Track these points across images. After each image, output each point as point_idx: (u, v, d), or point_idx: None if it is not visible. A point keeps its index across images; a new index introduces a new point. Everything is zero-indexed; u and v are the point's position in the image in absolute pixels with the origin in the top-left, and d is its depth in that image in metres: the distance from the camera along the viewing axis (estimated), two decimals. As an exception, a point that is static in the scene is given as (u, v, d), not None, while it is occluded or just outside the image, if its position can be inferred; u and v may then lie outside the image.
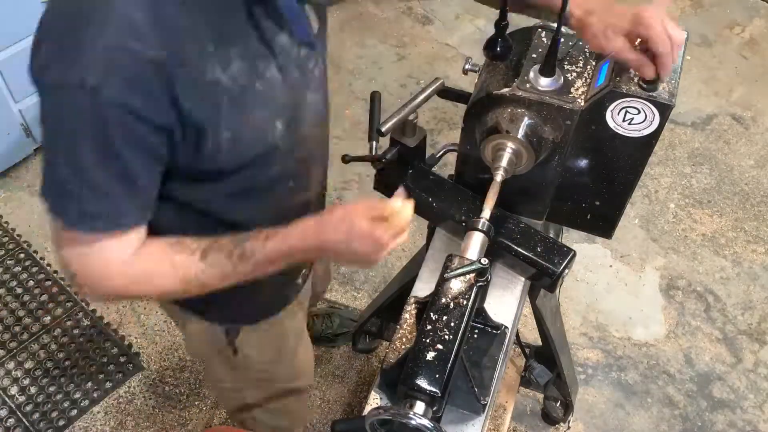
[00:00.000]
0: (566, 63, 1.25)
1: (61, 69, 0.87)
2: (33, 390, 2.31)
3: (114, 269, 1.02)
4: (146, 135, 0.92)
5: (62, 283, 2.55)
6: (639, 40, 1.11)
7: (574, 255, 1.31)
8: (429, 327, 1.13)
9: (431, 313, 1.14)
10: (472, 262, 1.15)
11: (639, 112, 1.18)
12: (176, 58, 0.89)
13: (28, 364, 2.36)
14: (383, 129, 1.34)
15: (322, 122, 1.24)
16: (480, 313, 1.27)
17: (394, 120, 1.35)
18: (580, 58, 1.26)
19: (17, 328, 2.44)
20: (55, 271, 2.58)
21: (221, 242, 1.06)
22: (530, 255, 1.30)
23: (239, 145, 1.01)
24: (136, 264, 1.02)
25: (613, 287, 2.63)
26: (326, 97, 1.25)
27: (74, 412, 2.27)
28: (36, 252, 2.63)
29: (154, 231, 1.06)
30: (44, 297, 2.51)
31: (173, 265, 1.04)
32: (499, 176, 1.24)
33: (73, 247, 1.01)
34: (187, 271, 1.05)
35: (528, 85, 1.22)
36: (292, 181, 1.20)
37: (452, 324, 1.12)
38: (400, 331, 1.23)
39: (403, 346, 1.21)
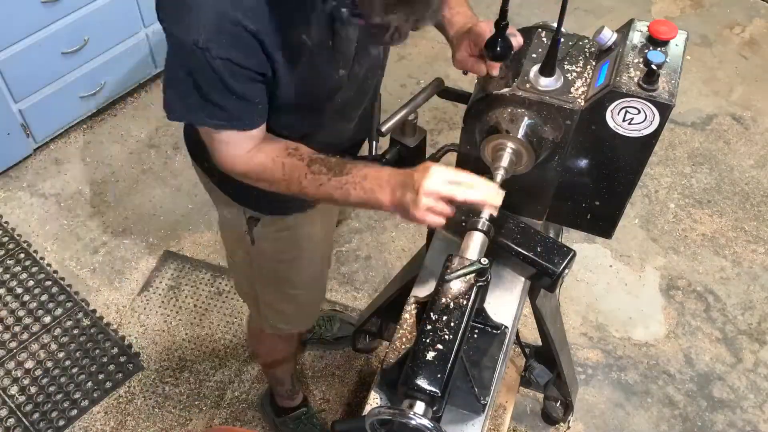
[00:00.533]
0: (566, 63, 1.25)
1: (181, 29, 1.14)
2: (33, 390, 2.31)
3: (239, 159, 1.28)
4: (249, 74, 1.17)
5: (62, 283, 2.55)
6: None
7: (574, 255, 1.31)
8: (429, 327, 1.13)
9: (431, 313, 1.14)
10: (472, 262, 1.15)
11: (639, 112, 1.18)
12: (268, 29, 1.13)
13: (28, 364, 2.36)
14: (383, 129, 1.34)
15: (377, 68, 1.43)
16: (480, 313, 1.27)
17: (394, 120, 1.35)
18: (580, 58, 1.26)
19: (17, 328, 2.44)
20: (55, 271, 2.58)
21: (328, 159, 1.26)
22: (530, 255, 1.30)
23: (308, 88, 1.26)
24: (254, 158, 1.28)
25: (613, 287, 2.63)
26: (380, 51, 1.41)
27: (74, 412, 2.27)
28: (36, 252, 2.63)
29: None
30: (44, 297, 2.51)
31: (283, 165, 1.27)
32: (499, 176, 1.24)
33: (215, 142, 1.28)
34: (292, 172, 1.26)
35: (528, 85, 1.22)
36: (348, 107, 1.41)
37: (452, 324, 1.12)
38: (400, 331, 1.23)
39: (403, 346, 1.21)
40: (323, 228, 1.69)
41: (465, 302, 1.14)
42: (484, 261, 1.14)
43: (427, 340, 1.11)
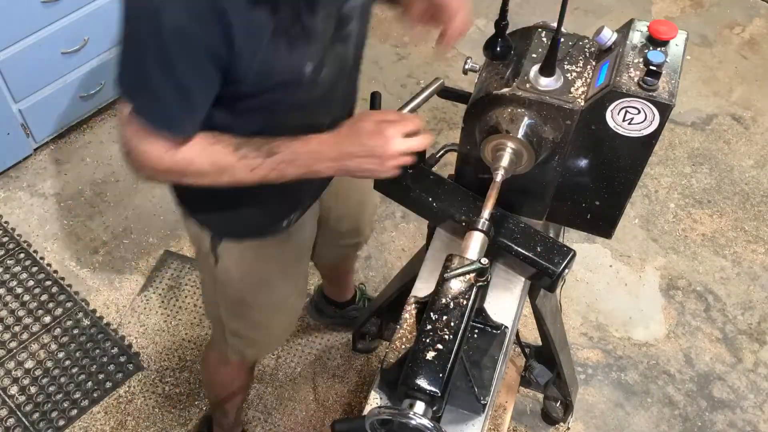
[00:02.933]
0: (566, 63, 1.25)
1: None
2: (33, 390, 2.31)
3: (162, 157, 1.18)
4: (200, 54, 1.07)
5: (62, 283, 2.55)
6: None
7: (574, 255, 1.31)
8: (429, 327, 1.13)
9: (431, 313, 1.14)
10: (472, 262, 1.15)
11: (639, 111, 1.18)
12: (232, 3, 1.04)
13: (28, 364, 2.36)
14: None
15: (350, 74, 1.37)
16: (480, 313, 1.27)
17: (394, 120, 1.34)
18: (580, 58, 1.26)
19: (17, 328, 2.44)
20: (55, 271, 2.58)
21: (253, 139, 1.21)
22: (530, 255, 1.30)
23: (270, 78, 1.17)
24: (177, 154, 1.18)
25: (613, 287, 2.63)
26: (359, 52, 1.37)
27: (74, 412, 2.27)
28: (36, 252, 2.63)
29: None
30: (44, 297, 2.51)
31: (211, 153, 1.20)
32: (499, 176, 1.24)
33: (134, 130, 1.16)
34: (221, 159, 1.20)
35: (528, 85, 1.22)
36: (310, 117, 1.31)
37: (452, 324, 1.12)
38: (400, 331, 1.23)
39: (403, 346, 1.21)
40: (295, 256, 1.65)
41: (465, 302, 1.14)
42: (484, 261, 1.14)
43: (427, 340, 1.11)
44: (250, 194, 1.30)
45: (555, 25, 1.16)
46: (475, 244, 1.20)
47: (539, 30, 1.31)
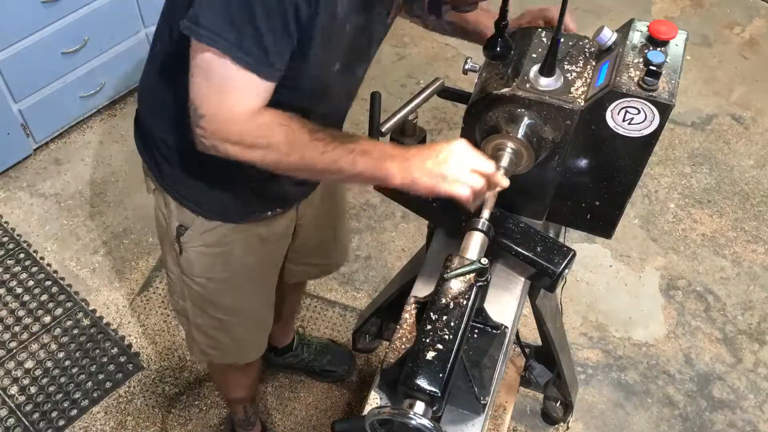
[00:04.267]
0: (566, 63, 1.25)
1: None
2: (33, 390, 2.31)
3: (243, 113, 1.12)
4: (293, 6, 1.06)
5: (62, 283, 2.55)
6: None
7: (574, 255, 1.30)
8: (429, 327, 1.13)
9: (431, 313, 1.14)
10: (472, 262, 1.15)
11: (639, 111, 1.18)
12: None
13: (28, 364, 2.36)
14: (383, 129, 1.34)
15: (364, 70, 1.37)
16: (480, 313, 1.27)
17: (394, 120, 1.35)
18: (580, 58, 1.26)
19: (17, 328, 2.44)
20: (55, 271, 2.58)
21: (330, 130, 1.19)
22: (530, 255, 1.30)
23: (310, 73, 1.17)
24: (259, 118, 1.14)
25: (613, 287, 2.63)
26: (368, 65, 1.37)
27: (74, 412, 2.27)
28: (36, 252, 2.63)
29: None
30: (44, 297, 2.51)
31: (287, 127, 1.15)
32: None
33: (217, 79, 1.10)
34: (297, 135, 1.15)
35: (528, 85, 1.22)
36: (324, 114, 1.31)
37: (452, 324, 1.12)
38: (400, 331, 1.23)
39: (403, 346, 1.21)
40: (264, 261, 1.60)
41: (465, 302, 1.14)
42: (484, 261, 1.14)
43: (427, 340, 1.11)
44: (234, 174, 1.27)
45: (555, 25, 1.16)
46: (474, 244, 1.20)
47: (539, 30, 1.31)
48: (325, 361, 2.33)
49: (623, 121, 1.19)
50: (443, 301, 1.15)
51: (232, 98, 1.11)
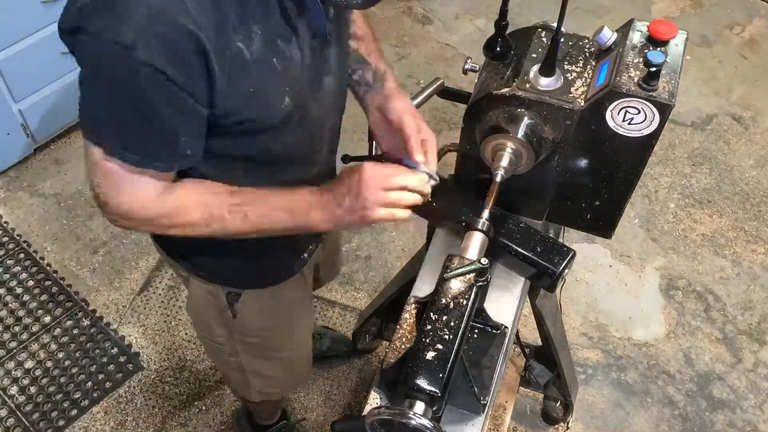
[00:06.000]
0: (566, 63, 1.25)
1: (103, 22, 0.92)
2: (33, 390, 2.31)
3: (149, 201, 1.08)
4: (180, 96, 0.96)
5: (62, 283, 2.55)
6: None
7: (574, 255, 1.31)
8: (429, 327, 1.13)
9: (431, 313, 1.14)
10: (472, 262, 1.15)
11: (639, 111, 1.18)
12: (208, 30, 0.94)
13: (28, 364, 2.36)
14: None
15: (334, 107, 1.27)
16: (480, 313, 1.27)
17: (394, 120, 1.34)
18: (580, 58, 1.26)
19: (17, 328, 2.44)
20: (55, 271, 2.58)
21: (246, 190, 1.14)
22: (530, 255, 1.30)
23: (248, 113, 1.07)
24: (168, 199, 1.09)
25: (613, 287, 2.63)
26: (342, 84, 1.28)
27: (74, 412, 2.27)
28: (36, 252, 2.63)
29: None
30: (44, 297, 2.51)
31: (200, 200, 1.11)
32: (499, 176, 1.24)
33: (110, 176, 1.04)
34: (213, 209, 1.12)
35: (528, 85, 1.22)
36: (297, 159, 1.24)
37: (452, 324, 1.12)
38: (400, 331, 1.23)
39: (403, 346, 1.21)
40: (306, 288, 1.63)
41: (465, 302, 1.14)
42: (484, 261, 1.14)
43: (427, 340, 1.11)
44: (270, 241, 1.23)
45: (555, 25, 1.16)
46: (475, 244, 1.20)
47: (539, 30, 1.31)
48: (325, 348, 2.35)
49: (623, 121, 1.19)
50: (443, 301, 1.15)
51: (128, 193, 1.06)
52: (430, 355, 1.10)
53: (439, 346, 1.10)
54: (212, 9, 0.94)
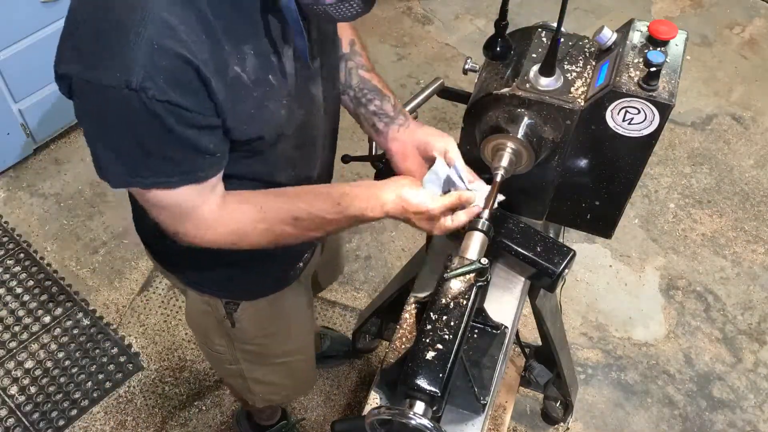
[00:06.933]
0: (566, 63, 1.25)
1: (105, 72, 0.94)
2: (33, 390, 2.31)
3: (207, 223, 1.12)
4: (195, 119, 1.00)
5: (62, 283, 2.55)
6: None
7: (574, 255, 1.30)
8: (429, 327, 1.13)
9: (431, 313, 1.14)
10: (472, 262, 1.15)
11: (639, 111, 1.18)
12: (204, 57, 0.97)
13: (28, 364, 2.36)
14: None
15: (327, 116, 1.28)
16: (480, 313, 1.27)
17: (394, 120, 1.34)
18: (580, 58, 1.26)
19: (17, 328, 2.44)
20: (55, 271, 2.58)
21: (314, 187, 1.21)
22: (530, 255, 1.30)
23: (253, 132, 1.10)
24: (225, 221, 1.13)
25: (613, 287, 2.63)
26: (332, 93, 1.29)
27: (74, 412, 2.27)
28: (36, 252, 2.63)
29: None
30: (44, 297, 2.51)
31: (261, 209, 1.15)
32: (499, 176, 1.24)
33: (169, 207, 1.09)
34: (276, 214, 1.15)
35: (528, 85, 1.22)
36: (292, 168, 1.26)
37: (452, 324, 1.12)
38: (400, 331, 1.23)
39: (403, 346, 1.21)
40: (307, 293, 1.63)
41: (465, 302, 1.14)
42: (484, 261, 1.14)
43: (427, 340, 1.11)
44: (267, 251, 1.25)
45: (555, 25, 1.16)
46: (475, 244, 1.20)
47: (539, 30, 1.31)
48: (325, 348, 2.34)
49: (623, 121, 1.19)
50: (443, 301, 1.15)
51: (185, 217, 1.10)
52: (430, 355, 1.10)
53: (439, 346, 1.10)
54: (206, 37, 0.97)
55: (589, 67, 1.24)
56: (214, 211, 1.12)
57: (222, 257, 1.22)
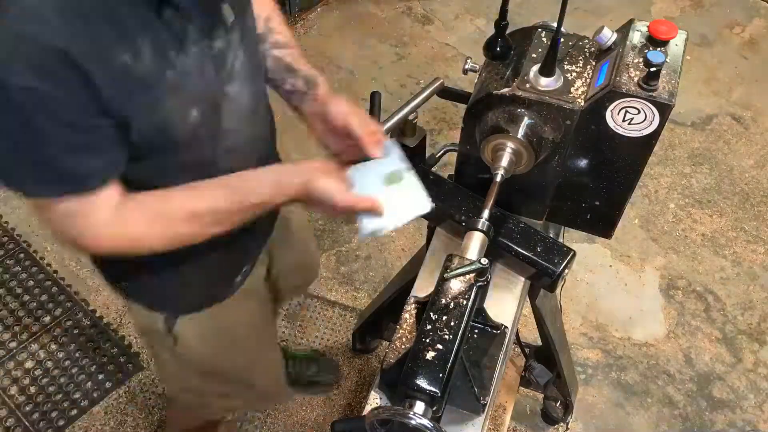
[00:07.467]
0: (566, 63, 1.25)
1: None
2: (33, 390, 2.31)
3: (101, 231, 1.04)
4: (65, 110, 0.92)
5: (62, 283, 2.55)
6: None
7: (574, 255, 1.31)
8: (429, 327, 1.13)
9: (431, 313, 1.14)
10: (472, 262, 1.15)
11: (639, 111, 1.18)
12: (80, 44, 0.90)
13: (28, 364, 2.36)
14: (383, 129, 1.34)
15: (249, 117, 1.21)
16: (480, 313, 1.27)
17: (394, 120, 1.35)
18: (580, 58, 1.26)
19: (17, 328, 2.44)
20: (55, 271, 2.58)
21: (211, 180, 1.11)
22: (530, 255, 1.30)
23: (153, 130, 1.02)
24: (121, 225, 1.05)
25: (613, 287, 2.63)
26: (256, 92, 1.21)
27: (74, 412, 2.27)
28: (36, 252, 2.63)
29: None
30: (44, 297, 2.51)
31: (160, 210, 1.07)
32: (499, 176, 1.24)
33: (54, 214, 1.01)
34: (172, 212, 1.08)
35: (528, 85, 1.22)
36: (220, 172, 1.17)
37: (452, 324, 1.12)
38: (400, 331, 1.23)
39: (403, 346, 1.21)
40: (259, 304, 1.56)
41: (465, 302, 1.14)
42: (484, 261, 1.14)
43: (427, 340, 1.11)
44: (199, 259, 1.21)
45: (555, 25, 1.16)
46: (475, 244, 1.20)
47: (539, 30, 1.31)
48: (311, 372, 2.29)
49: (623, 121, 1.19)
50: (443, 301, 1.15)
51: (76, 226, 1.02)
52: (430, 355, 1.10)
53: (439, 346, 1.10)
54: (82, 24, 0.90)
55: (589, 67, 1.24)
56: (108, 217, 1.03)
57: (157, 267, 1.19)
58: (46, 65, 0.88)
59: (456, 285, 1.16)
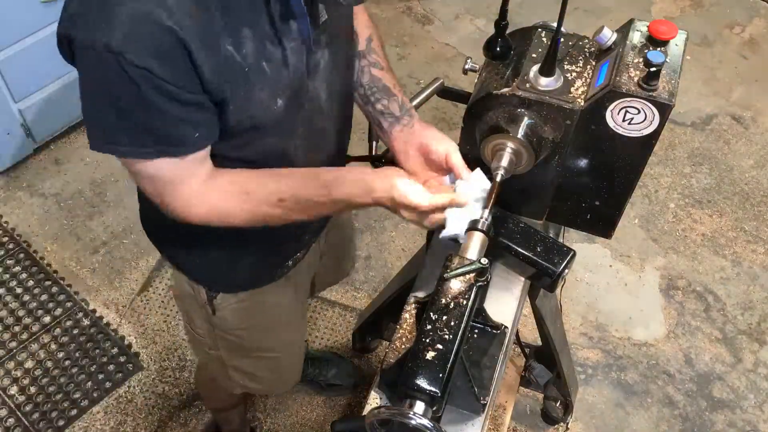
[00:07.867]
0: (566, 63, 1.25)
1: (88, 30, 0.96)
2: (33, 390, 2.31)
3: (193, 198, 1.11)
4: (176, 92, 0.99)
5: (62, 283, 2.55)
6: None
7: (574, 255, 1.30)
8: (429, 327, 1.13)
9: (431, 313, 1.14)
10: (472, 262, 1.15)
11: (639, 111, 1.17)
12: (191, 30, 0.96)
13: (28, 364, 2.36)
14: None
15: (322, 114, 1.26)
16: (480, 313, 1.27)
17: (394, 120, 1.35)
18: (580, 58, 1.26)
19: (17, 328, 2.44)
20: (55, 271, 2.58)
21: (300, 169, 1.18)
22: (530, 255, 1.30)
23: (244, 114, 1.09)
24: (210, 195, 1.12)
25: (613, 287, 2.63)
26: (333, 93, 1.26)
27: (74, 412, 2.27)
28: (36, 252, 2.63)
29: None
30: (44, 297, 2.51)
31: (249, 190, 1.14)
32: (499, 176, 1.24)
33: (151, 180, 1.09)
34: (262, 195, 1.14)
35: (528, 85, 1.22)
36: (289, 164, 1.23)
37: (452, 324, 1.12)
38: (400, 331, 1.23)
39: (403, 346, 1.21)
40: (297, 293, 1.61)
41: (465, 302, 1.14)
42: (484, 261, 1.14)
43: (427, 340, 1.11)
44: (252, 245, 1.25)
45: (555, 25, 1.16)
46: (475, 244, 1.20)
47: (539, 30, 1.31)
48: (330, 375, 2.31)
49: (623, 121, 1.19)
50: (443, 301, 1.15)
51: (169, 190, 1.10)
52: (430, 355, 1.09)
53: (439, 346, 1.10)
54: (197, 10, 0.96)
55: (589, 67, 1.24)
56: (199, 187, 1.11)
57: (204, 243, 1.23)
58: (160, 46, 0.94)
59: (456, 285, 1.16)
